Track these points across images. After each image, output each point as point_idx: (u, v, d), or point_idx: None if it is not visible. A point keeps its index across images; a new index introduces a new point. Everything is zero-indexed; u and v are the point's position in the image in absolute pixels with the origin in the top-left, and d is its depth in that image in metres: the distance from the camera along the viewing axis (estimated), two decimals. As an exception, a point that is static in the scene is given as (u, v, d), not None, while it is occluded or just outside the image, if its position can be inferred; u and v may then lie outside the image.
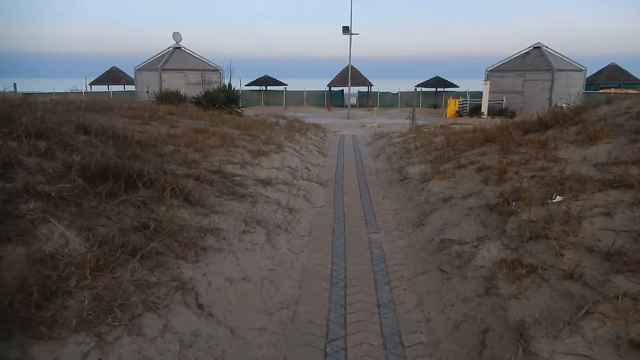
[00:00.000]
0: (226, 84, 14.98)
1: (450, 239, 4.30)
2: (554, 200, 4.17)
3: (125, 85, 40.11)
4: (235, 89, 14.62)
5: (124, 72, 40.59)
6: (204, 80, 16.51)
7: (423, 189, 6.17)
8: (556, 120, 6.57)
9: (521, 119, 8.45)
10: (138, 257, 3.08)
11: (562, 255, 3.19)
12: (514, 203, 4.40)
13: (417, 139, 10.16)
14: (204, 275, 3.39)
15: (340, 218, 5.71)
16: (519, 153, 6.07)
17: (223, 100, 13.80)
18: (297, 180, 7.10)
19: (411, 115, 18.75)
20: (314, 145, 10.99)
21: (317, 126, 15.56)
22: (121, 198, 3.81)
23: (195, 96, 14.18)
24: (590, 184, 4.13)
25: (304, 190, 6.60)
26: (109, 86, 41.49)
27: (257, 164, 7.31)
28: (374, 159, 9.76)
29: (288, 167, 7.69)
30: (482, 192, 5.16)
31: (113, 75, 41.18)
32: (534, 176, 5.08)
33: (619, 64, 40.20)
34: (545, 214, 3.89)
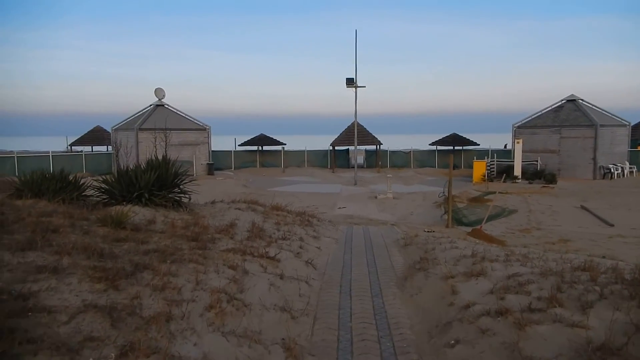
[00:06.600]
0: (169, 154, 9.23)
1: None
2: None
3: (109, 146, 35.07)
4: (174, 161, 8.77)
5: (107, 132, 35.64)
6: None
7: None
8: None
9: None
10: None
11: None
12: None
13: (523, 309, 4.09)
14: None
15: None
16: None
17: (149, 184, 7.97)
18: None
19: (446, 191, 12.84)
20: (281, 307, 4.15)
21: (308, 222, 9.29)
22: None
23: (101, 179, 8.21)
24: None
25: None
26: (92, 147, 36.50)
27: None
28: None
29: None
30: None
31: (96, 135, 36.22)
32: None
33: (656, 118, 34.59)
34: None
